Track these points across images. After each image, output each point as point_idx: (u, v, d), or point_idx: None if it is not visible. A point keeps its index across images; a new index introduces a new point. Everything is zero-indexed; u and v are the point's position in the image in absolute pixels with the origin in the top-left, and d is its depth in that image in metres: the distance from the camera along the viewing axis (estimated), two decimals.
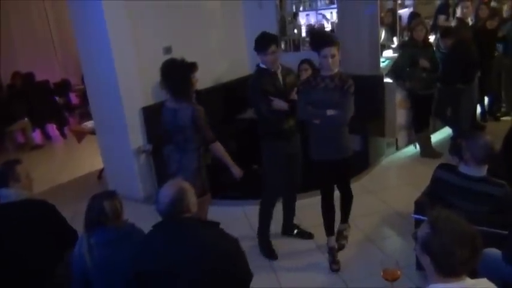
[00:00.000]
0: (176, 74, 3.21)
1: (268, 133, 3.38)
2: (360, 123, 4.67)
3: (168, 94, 3.30)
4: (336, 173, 3.39)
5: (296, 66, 4.75)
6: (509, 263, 2.31)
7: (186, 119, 3.15)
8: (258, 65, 3.43)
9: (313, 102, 3.20)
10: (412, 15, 6.16)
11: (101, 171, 5.62)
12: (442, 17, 6.28)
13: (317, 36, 3.53)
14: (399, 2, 6.03)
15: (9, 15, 8.69)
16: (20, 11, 8.84)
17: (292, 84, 3.46)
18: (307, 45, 5.75)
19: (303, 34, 6.08)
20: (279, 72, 3.42)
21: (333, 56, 3.11)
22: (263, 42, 3.31)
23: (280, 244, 3.79)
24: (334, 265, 3.44)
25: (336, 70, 3.19)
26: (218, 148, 3.26)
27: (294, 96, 3.40)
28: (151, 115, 4.78)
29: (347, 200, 3.58)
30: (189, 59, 3.41)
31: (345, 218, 3.66)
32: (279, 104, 3.35)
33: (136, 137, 4.82)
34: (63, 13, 8.66)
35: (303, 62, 4.75)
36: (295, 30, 6.17)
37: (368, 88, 4.99)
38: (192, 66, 3.30)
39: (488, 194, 2.65)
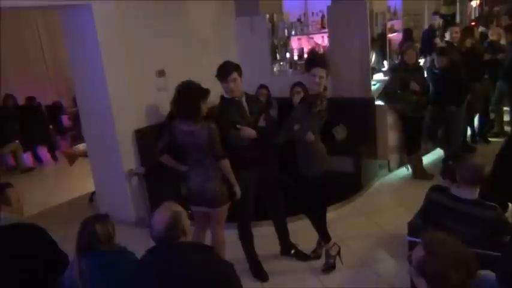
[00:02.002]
0: (187, 96, 3.24)
1: (235, 162, 3.38)
2: (352, 145, 4.76)
3: (178, 115, 3.34)
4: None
5: (288, 90, 4.78)
6: (502, 285, 2.31)
7: (203, 138, 3.21)
8: (222, 96, 3.49)
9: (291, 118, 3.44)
10: (406, 33, 6.28)
11: (92, 194, 5.57)
12: (437, 40, 6.49)
13: (312, 56, 3.67)
14: (388, 26, 6.13)
15: (0, 35, 8.54)
16: (11, 31, 8.70)
17: (259, 111, 3.53)
18: (299, 69, 5.81)
19: (295, 58, 6.17)
20: (243, 100, 3.47)
21: (320, 77, 3.27)
22: (225, 70, 3.37)
23: (276, 265, 3.80)
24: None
25: (320, 90, 3.33)
26: (226, 165, 3.29)
27: (262, 122, 3.48)
28: (144, 138, 4.80)
29: (312, 220, 3.65)
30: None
31: (320, 235, 3.71)
32: (247, 132, 3.40)
33: (129, 159, 4.81)
34: (56, 34, 8.64)
35: (295, 85, 4.71)
36: (287, 54, 6.26)
37: (359, 110, 5.14)
38: (204, 92, 3.31)
39: (480, 216, 2.66)
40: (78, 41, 4.63)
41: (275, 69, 6.14)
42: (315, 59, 3.52)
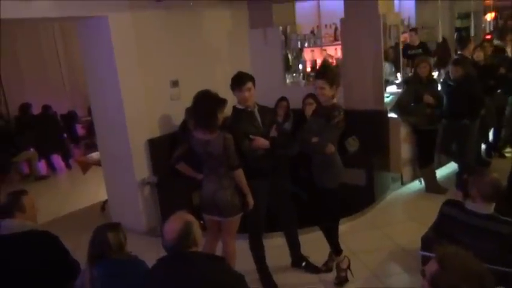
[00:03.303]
0: (204, 106, 3.26)
1: (248, 172, 3.38)
2: (365, 158, 4.83)
3: (193, 124, 3.36)
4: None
5: (301, 101, 4.82)
6: None
7: (218, 148, 3.23)
8: (234, 107, 3.52)
9: (309, 130, 3.42)
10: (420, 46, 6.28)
11: (105, 202, 5.60)
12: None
13: (317, 68, 3.62)
14: (402, 40, 6.13)
15: (18, 45, 8.71)
16: (29, 40, 8.87)
17: (270, 122, 3.55)
18: (311, 80, 5.83)
19: (308, 69, 6.19)
20: (256, 111, 3.50)
21: (321, 88, 3.30)
22: (240, 79, 3.41)
23: (286, 277, 3.77)
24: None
25: (329, 102, 3.34)
26: (240, 175, 3.30)
27: (274, 133, 3.49)
28: (157, 147, 4.82)
29: (325, 233, 3.64)
30: (195, 91, 3.44)
31: (331, 247, 3.68)
32: (260, 142, 3.41)
33: (142, 168, 4.84)
34: (72, 43, 8.78)
35: (307, 96, 4.81)
36: (300, 66, 6.27)
37: (372, 123, 5.13)
38: (222, 102, 3.32)
39: (496, 232, 2.62)
40: (94, 51, 4.70)
41: (288, 80, 6.15)
42: (318, 70, 3.61)
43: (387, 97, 5.44)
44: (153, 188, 4.90)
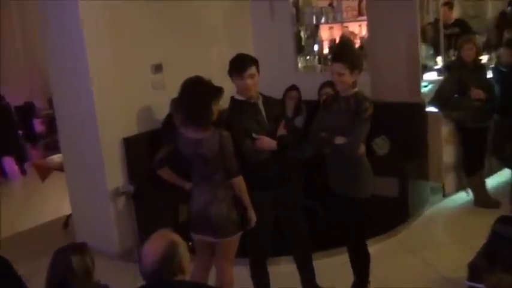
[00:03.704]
0: (195, 96, 3.25)
1: (250, 180, 3.37)
2: (397, 163, 4.83)
3: (181, 120, 3.37)
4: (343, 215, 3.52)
5: (316, 90, 4.85)
6: None
7: (212, 149, 3.23)
8: (233, 97, 3.52)
9: (326, 127, 3.43)
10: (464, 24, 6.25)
11: (68, 217, 5.56)
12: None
13: (334, 49, 3.60)
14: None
15: None
16: None
17: (278, 117, 3.56)
18: (329, 64, 5.83)
19: (325, 51, 6.17)
20: (259, 103, 3.50)
21: (339, 74, 3.32)
22: (240, 63, 3.41)
23: None
24: None
25: (349, 92, 3.37)
26: (240, 183, 3.30)
27: (282, 131, 3.49)
28: (134, 148, 4.80)
29: (352, 256, 3.64)
30: (183, 78, 3.40)
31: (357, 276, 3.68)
32: (266, 142, 3.41)
33: (115, 175, 4.82)
34: (31, 22, 8.78)
35: (325, 85, 4.84)
36: (316, 47, 6.25)
37: (406, 119, 5.11)
38: (216, 92, 3.32)
39: None
40: (58, 33, 4.70)
41: (300, 65, 6.15)
42: (334, 51, 3.53)
43: (425, 86, 5.41)
44: (129, 200, 4.89)
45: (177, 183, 3.64)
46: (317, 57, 6.31)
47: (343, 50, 3.58)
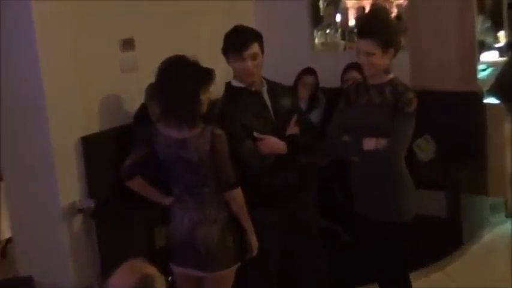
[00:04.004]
0: (178, 82, 3.18)
1: (250, 193, 3.32)
2: (447, 172, 4.95)
3: (160, 113, 3.36)
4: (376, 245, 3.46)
5: (338, 75, 4.93)
6: None
7: (201, 152, 3.16)
8: (228, 83, 3.55)
9: (349, 126, 3.38)
10: None
11: (7, 242, 5.55)
12: None
13: (362, 20, 3.84)
14: None
15: None
16: None
17: (288, 110, 3.56)
18: (355, 41, 5.84)
19: (351, 23, 6.24)
20: (264, 91, 3.51)
21: (368, 54, 3.24)
22: (238, 39, 3.42)
23: None
24: None
25: (382, 79, 3.32)
26: (237, 198, 3.25)
27: (294, 129, 3.50)
28: (96, 151, 4.71)
29: None
30: (162, 58, 3.33)
31: None
32: (272, 144, 3.39)
33: (70, 186, 4.68)
34: None
35: (348, 67, 4.87)
36: (338, 17, 6.23)
37: (458, 113, 5.11)
38: (206, 75, 3.26)
39: None
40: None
41: (317, 41, 6.21)
42: (361, 23, 3.72)
43: (482, 70, 5.46)
44: (88, 219, 4.75)
45: (153, 198, 3.56)
46: (340, 30, 6.36)
47: (374, 21, 3.44)
